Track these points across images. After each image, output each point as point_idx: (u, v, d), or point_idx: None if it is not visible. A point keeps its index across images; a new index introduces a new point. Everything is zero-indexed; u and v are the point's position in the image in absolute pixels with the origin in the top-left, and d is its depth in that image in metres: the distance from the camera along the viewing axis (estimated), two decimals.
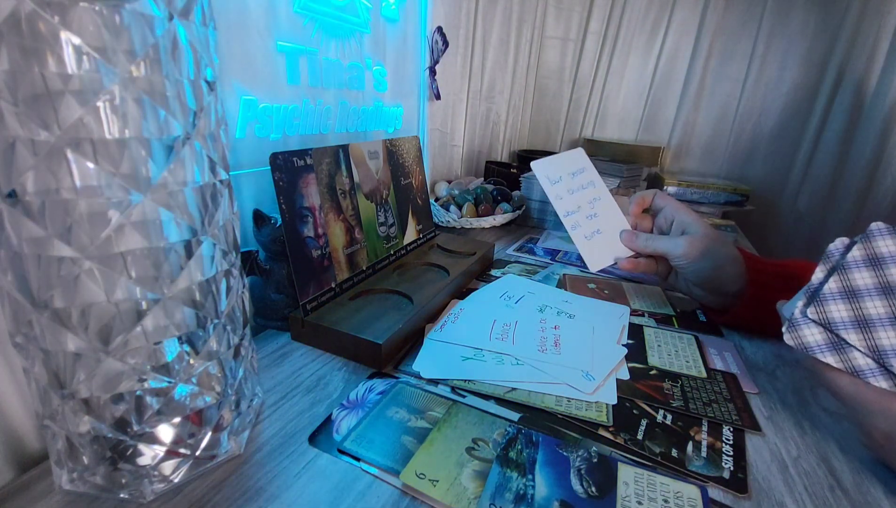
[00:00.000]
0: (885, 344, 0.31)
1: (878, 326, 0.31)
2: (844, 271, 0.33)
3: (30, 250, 0.22)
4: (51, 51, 0.20)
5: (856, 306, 0.32)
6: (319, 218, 0.47)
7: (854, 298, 0.32)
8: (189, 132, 0.25)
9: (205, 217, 0.27)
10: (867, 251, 0.33)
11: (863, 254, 0.33)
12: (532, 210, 0.93)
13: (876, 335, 0.31)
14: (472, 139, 1.14)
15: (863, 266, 0.32)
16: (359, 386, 0.40)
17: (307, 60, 0.57)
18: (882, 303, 0.31)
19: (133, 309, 0.25)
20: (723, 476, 0.32)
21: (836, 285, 0.33)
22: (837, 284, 0.33)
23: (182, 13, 0.24)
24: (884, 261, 0.32)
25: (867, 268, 0.32)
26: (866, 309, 0.32)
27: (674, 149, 1.27)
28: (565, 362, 0.43)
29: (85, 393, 0.25)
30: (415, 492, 0.30)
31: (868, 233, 0.33)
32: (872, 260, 0.32)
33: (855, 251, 0.33)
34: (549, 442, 0.34)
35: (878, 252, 0.32)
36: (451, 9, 0.91)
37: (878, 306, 0.31)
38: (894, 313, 0.31)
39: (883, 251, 0.32)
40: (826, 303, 0.33)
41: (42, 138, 0.21)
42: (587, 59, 1.30)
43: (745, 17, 1.12)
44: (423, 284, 0.54)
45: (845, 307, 0.32)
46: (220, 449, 0.31)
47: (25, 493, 0.28)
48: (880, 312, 0.31)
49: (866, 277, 0.32)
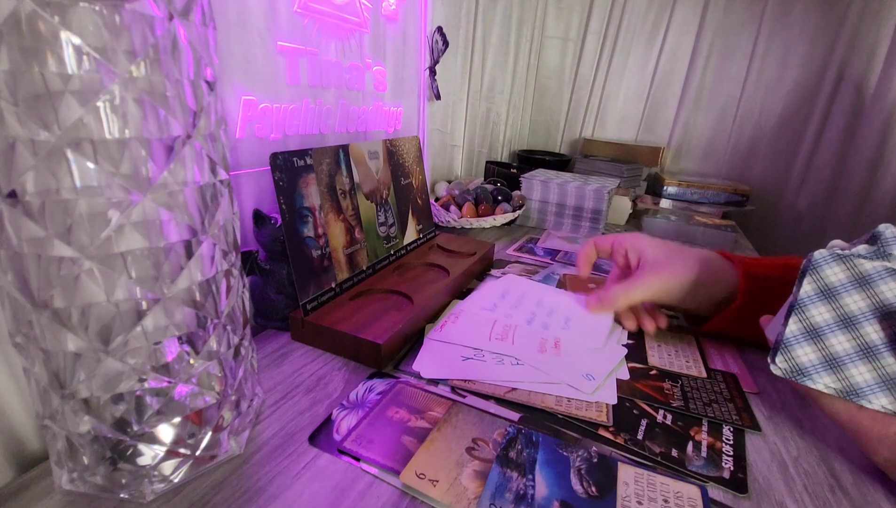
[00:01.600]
0: (872, 339, 0.30)
1: (863, 320, 0.30)
2: (815, 269, 0.31)
3: (30, 250, 0.22)
4: (51, 51, 0.20)
5: (836, 304, 0.30)
6: (319, 218, 0.47)
7: (832, 296, 0.31)
8: (189, 132, 0.25)
9: (205, 217, 0.27)
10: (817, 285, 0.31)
11: (830, 253, 0.31)
12: (532, 210, 0.93)
13: (863, 330, 0.30)
14: (472, 139, 1.14)
15: (832, 261, 0.31)
16: (359, 386, 0.40)
17: (307, 60, 0.57)
18: (860, 296, 0.30)
19: (133, 309, 0.25)
20: (723, 476, 0.32)
21: (811, 287, 0.31)
22: (812, 285, 0.31)
23: (182, 13, 0.24)
24: (855, 255, 0.30)
25: (836, 263, 0.31)
26: (847, 306, 0.30)
27: (674, 149, 1.27)
28: (566, 362, 0.43)
29: (85, 393, 0.25)
30: (415, 492, 0.30)
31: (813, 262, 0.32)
32: (842, 255, 0.31)
33: (806, 286, 0.31)
34: (549, 442, 0.34)
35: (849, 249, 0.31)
36: (451, 9, 0.91)
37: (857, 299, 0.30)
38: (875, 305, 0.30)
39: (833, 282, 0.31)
40: (806, 308, 0.31)
41: (42, 138, 0.21)
42: (587, 60, 1.30)
43: (745, 17, 1.11)
44: (423, 284, 0.54)
45: (826, 309, 0.31)
46: (220, 449, 0.31)
47: (25, 493, 0.28)
48: (861, 306, 0.30)
49: (837, 271, 0.31)
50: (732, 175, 1.21)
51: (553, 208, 0.91)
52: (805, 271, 0.32)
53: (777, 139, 1.14)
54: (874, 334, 0.30)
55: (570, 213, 0.90)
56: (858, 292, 0.30)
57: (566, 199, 0.90)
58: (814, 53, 1.06)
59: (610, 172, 1.10)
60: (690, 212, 1.01)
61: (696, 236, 0.91)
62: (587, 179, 0.94)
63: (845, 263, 0.30)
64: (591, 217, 0.89)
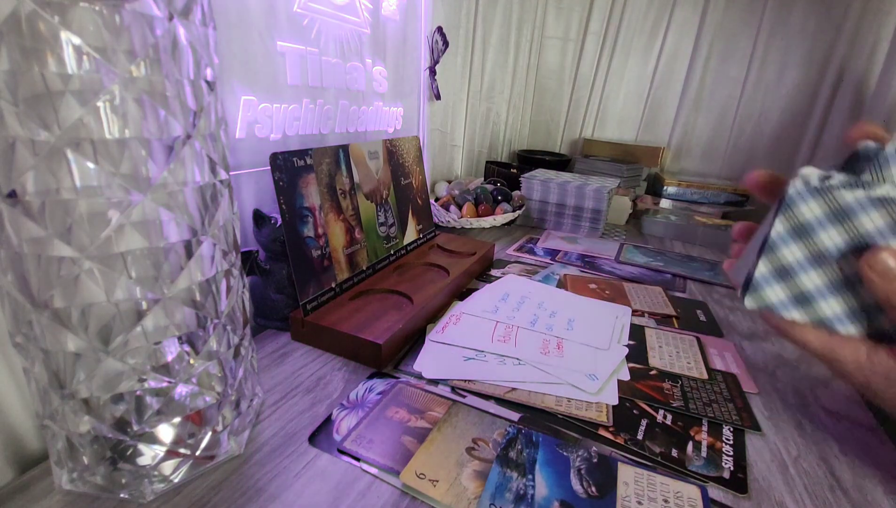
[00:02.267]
0: (845, 274, 0.29)
1: (837, 255, 0.29)
2: (789, 206, 0.30)
3: (30, 250, 0.22)
4: (51, 51, 0.20)
5: (809, 241, 0.29)
6: (319, 218, 0.47)
7: (805, 233, 0.29)
8: (189, 132, 0.25)
9: (205, 217, 0.27)
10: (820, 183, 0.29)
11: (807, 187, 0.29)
12: (532, 210, 0.93)
13: (836, 266, 0.29)
14: (472, 139, 1.14)
15: (808, 197, 0.29)
16: (359, 386, 0.40)
17: (307, 60, 0.57)
18: (837, 231, 0.29)
19: (133, 309, 0.25)
20: (723, 476, 0.32)
21: (783, 226, 0.30)
22: (784, 224, 0.30)
23: (182, 13, 0.24)
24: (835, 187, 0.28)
25: (813, 198, 0.29)
26: (821, 242, 0.29)
27: (674, 149, 1.27)
28: (569, 363, 0.43)
29: (85, 393, 0.25)
30: (415, 492, 0.30)
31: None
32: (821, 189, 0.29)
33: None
34: (549, 442, 0.34)
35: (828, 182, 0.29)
36: (451, 9, 0.91)
37: (833, 234, 0.29)
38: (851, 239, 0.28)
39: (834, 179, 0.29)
40: (777, 248, 0.30)
41: (42, 138, 0.21)
42: (587, 60, 1.30)
43: (745, 17, 1.11)
44: (423, 284, 0.54)
45: (798, 247, 0.29)
46: (220, 449, 0.31)
47: (25, 493, 0.28)
48: (836, 241, 0.29)
49: (814, 207, 0.29)
50: (732, 175, 1.21)
51: (553, 208, 0.91)
52: (779, 209, 0.30)
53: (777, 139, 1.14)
54: (847, 267, 0.28)
55: (570, 213, 0.90)
56: (835, 226, 0.29)
57: (566, 199, 0.90)
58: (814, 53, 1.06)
59: (610, 172, 1.10)
60: (690, 212, 1.01)
61: (696, 235, 0.91)
62: (587, 179, 0.94)
63: (824, 196, 0.29)
64: (591, 217, 0.89)
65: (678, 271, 0.71)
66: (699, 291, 0.65)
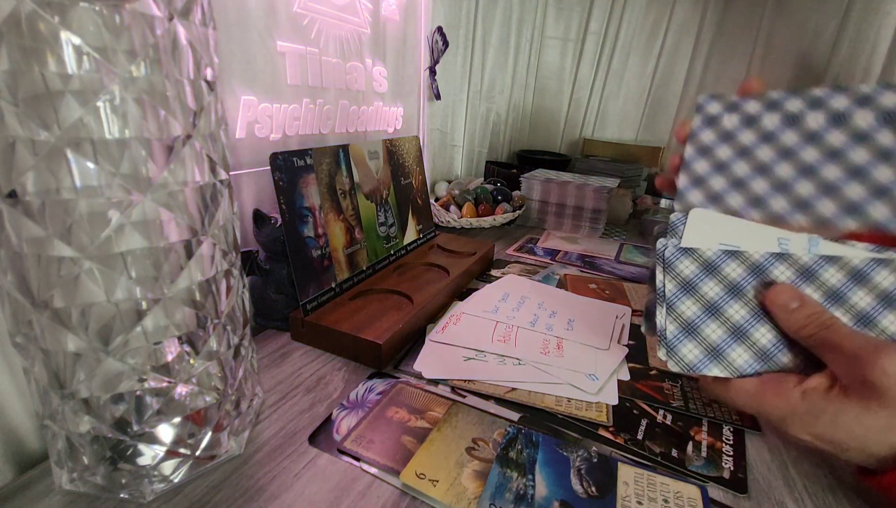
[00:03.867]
0: (737, 319, 0.30)
1: (723, 304, 0.30)
2: (670, 266, 0.31)
3: (30, 250, 0.22)
4: (51, 51, 0.20)
5: (698, 295, 0.30)
6: (319, 218, 0.47)
7: (691, 288, 0.31)
8: (189, 132, 0.25)
9: (205, 217, 0.27)
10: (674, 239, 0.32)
11: (675, 245, 0.31)
12: (532, 210, 0.93)
13: (727, 314, 0.30)
14: (472, 139, 1.14)
15: (681, 256, 0.31)
16: (359, 386, 0.40)
17: (307, 60, 0.57)
18: (713, 282, 0.30)
19: (133, 309, 0.25)
20: (723, 476, 0.32)
21: (671, 285, 0.31)
22: (672, 282, 0.31)
23: (182, 13, 0.24)
24: (692, 248, 0.31)
25: (685, 256, 0.31)
26: (707, 294, 0.30)
27: (674, 149, 1.27)
28: (569, 363, 0.43)
29: (85, 393, 0.25)
30: (415, 492, 0.30)
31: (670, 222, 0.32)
32: (685, 248, 0.31)
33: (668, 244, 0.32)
34: (549, 442, 0.34)
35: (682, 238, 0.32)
36: (451, 9, 0.91)
37: (713, 286, 0.30)
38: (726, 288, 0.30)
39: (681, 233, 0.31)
40: (675, 306, 0.31)
41: (42, 138, 0.21)
42: (587, 60, 1.30)
43: (745, 17, 1.11)
44: (423, 284, 0.54)
45: (691, 302, 0.31)
46: (220, 449, 0.31)
47: (25, 493, 0.28)
48: (717, 291, 0.30)
49: (688, 264, 0.31)
50: None
51: (553, 208, 0.91)
52: (663, 269, 0.32)
53: None
54: (736, 314, 0.30)
55: (570, 213, 0.90)
56: (710, 278, 0.30)
57: (566, 199, 0.90)
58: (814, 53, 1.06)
59: (610, 172, 1.10)
60: None
61: None
62: (587, 179, 0.94)
63: (691, 255, 0.31)
64: (591, 217, 0.89)
65: None
66: None
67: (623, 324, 0.52)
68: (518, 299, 0.56)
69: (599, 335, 0.49)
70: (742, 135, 0.32)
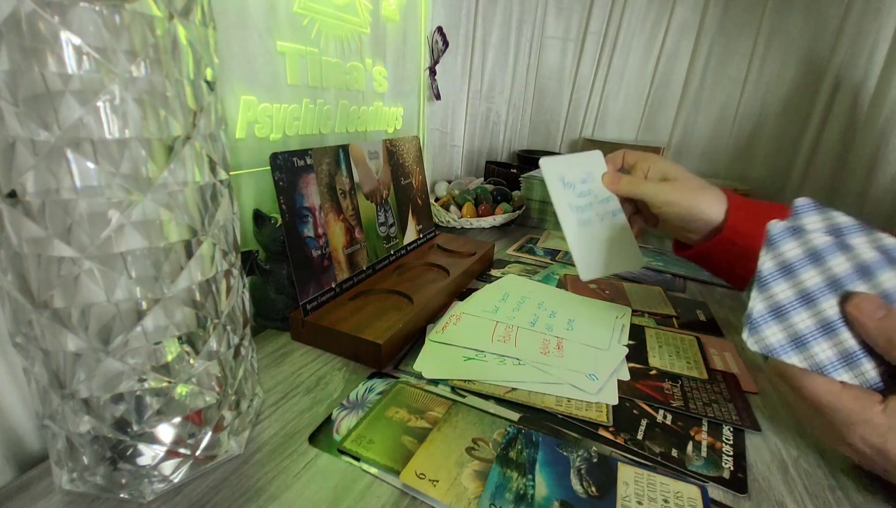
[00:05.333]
0: (829, 315, 0.30)
1: (819, 296, 0.30)
2: (773, 245, 0.31)
3: (30, 250, 0.22)
4: (51, 51, 0.20)
5: (795, 281, 0.30)
6: (319, 218, 0.47)
7: (790, 272, 0.31)
8: (189, 132, 0.25)
9: (205, 217, 0.27)
10: (793, 222, 0.32)
11: (786, 226, 0.32)
12: (532, 210, 0.93)
13: (820, 306, 0.30)
14: (472, 139, 1.14)
15: (788, 237, 0.31)
16: (359, 386, 0.40)
17: (307, 60, 0.57)
18: (815, 271, 0.30)
19: (133, 309, 0.25)
20: (723, 476, 0.32)
21: (771, 264, 0.31)
22: (772, 261, 0.31)
23: (182, 13, 0.24)
24: (805, 231, 0.31)
25: (792, 238, 0.31)
26: (804, 282, 0.30)
27: (674, 149, 1.27)
28: (569, 363, 0.43)
29: (85, 393, 0.25)
30: (415, 492, 0.30)
31: (793, 208, 0.32)
32: (796, 229, 0.31)
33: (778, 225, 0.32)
34: (549, 442, 0.34)
35: (800, 223, 0.31)
36: (451, 9, 0.91)
37: (813, 275, 0.30)
38: (828, 280, 0.30)
39: (804, 222, 0.31)
40: (769, 286, 0.31)
41: (42, 138, 0.21)
42: (587, 60, 1.30)
43: (745, 17, 1.11)
44: (423, 284, 0.54)
45: (787, 285, 0.31)
46: (220, 449, 0.31)
47: (25, 493, 0.28)
48: (817, 281, 0.30)
49: (793, 246, 0.31)
50: (732, 175, 1.21)
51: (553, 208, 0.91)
52: (765, 246, 0.32)
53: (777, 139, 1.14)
54: (830, 309, 0.30)
55: None
56: (814, 267, 0.30)
57: None
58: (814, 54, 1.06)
59: None
60: None
61: None
62: None
63: (799, 238, 0.31)
64: None
65: (678, 272, 0.71)
66: (699, 291, 0.65)
67: (623, 324, 0.52)
68: (518, 299, 0.56)
69: (599, 335, 0.49)
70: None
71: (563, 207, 0.53)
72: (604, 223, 0.53)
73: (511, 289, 0.59)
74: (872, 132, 0.96)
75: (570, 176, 0.54)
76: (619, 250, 0.53)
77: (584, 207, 0.53)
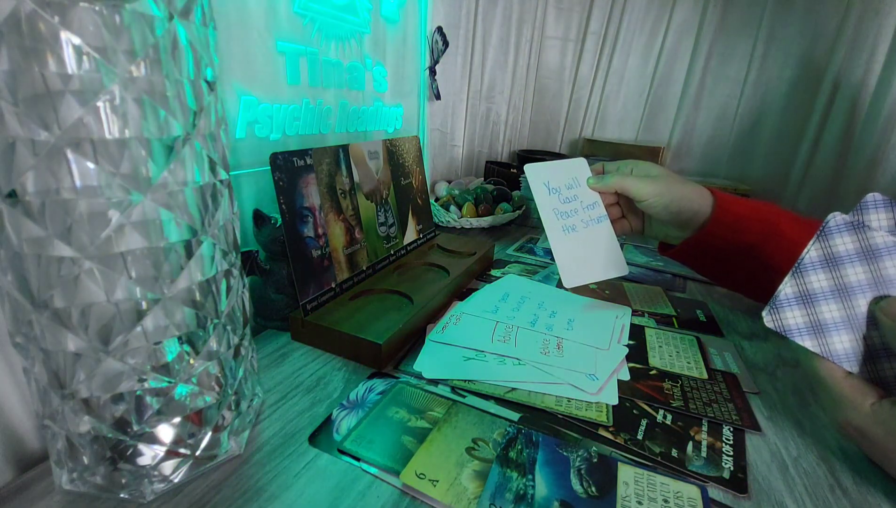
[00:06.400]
0: (862, 312, 0.30)
1: (858, 292, 0.30)
2: (826, 236, 0.32)
3: (30, 250, 0.22)
4: (51, 51, 0.20)
5: (836, 274, 0.31)
6: (319, 218, 0.47)
7: (835, 265, 0.31)
8: (189, 132, 0.25)
9: (205, 217, 0.27)
10: (855, 217, 0.32)
11: (846, 220, 0.32)
12: (532, 210, 0.93)
13: (855, 302, 0.30)
14: (472, 139, 1.14)
15: (844, 231, 0.31)
16: (359, 386, 0.40)
17: (307, 60, 0.57)
18: (863, 268, 0.30)
19: (133, 309, 0.25)
20: (723, 476, 0.32)
21: (816, 254, 0.32)
22: (818, 252, 0.32)
23: (182, 13, 0.24)
24: (868, 228, 0.31)
25: (849, 233, 0.31)
26: (846, 276, 0.31)
27: (674, 149, 1.27)
28: (569, 363, 0.43)
29: (85, 393, 0.25)
30: (415, 492, 0.30)
31: (862, 203, 0.32)
32: (856, 225, 0.31)
33: (838, 218, 0.32)
34: (549, 442, 0.34)
35: (863, 219, 0.32)
36: (451, 9, 0.91)
37: (859, 271, 0.31)
38: (874, 279, 0.30)
39: (870, 219, 0.31)
40: (806, 273, 0.32)
41: (42, 138, 0.21)
42: (587, 60, 1.30)
43: (745, 17, 1.11)
44: (423, 284, 0.54)
45: (825, 276, 0.31)
46: (220, 449, 0.31)
47: (25, 493, 0.28)
48: (860, 278, 0.30)
49: (847, 241, 0.31)
50: (732, 175, 1.21)
51: None
52: (816, 236, 0.32)
53: (777, 139, 1.14)
54: (864, 306, 0.30)
55: None
56: (862, 264, 0.30)
57: None
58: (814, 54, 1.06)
59: None
60: None
61: None
62: None
63: (858, 233, 0.31)
64: None
65: (678, 272, 0.71)
66: (699, 291, 0.65)
67: (623, 324, 0.52)
68: (518, 299, 0.56)
69: (599, 335, 0.49)
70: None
71: (548, 212, 0.53)
72: (588, 229, 0.53)
73: (511, 289, 0.59)
74: (872, 132, 0.96)
75: (555, 182, 0.54)
76: (603, 257, 0.53)
77: (570, 212, 0.53)
